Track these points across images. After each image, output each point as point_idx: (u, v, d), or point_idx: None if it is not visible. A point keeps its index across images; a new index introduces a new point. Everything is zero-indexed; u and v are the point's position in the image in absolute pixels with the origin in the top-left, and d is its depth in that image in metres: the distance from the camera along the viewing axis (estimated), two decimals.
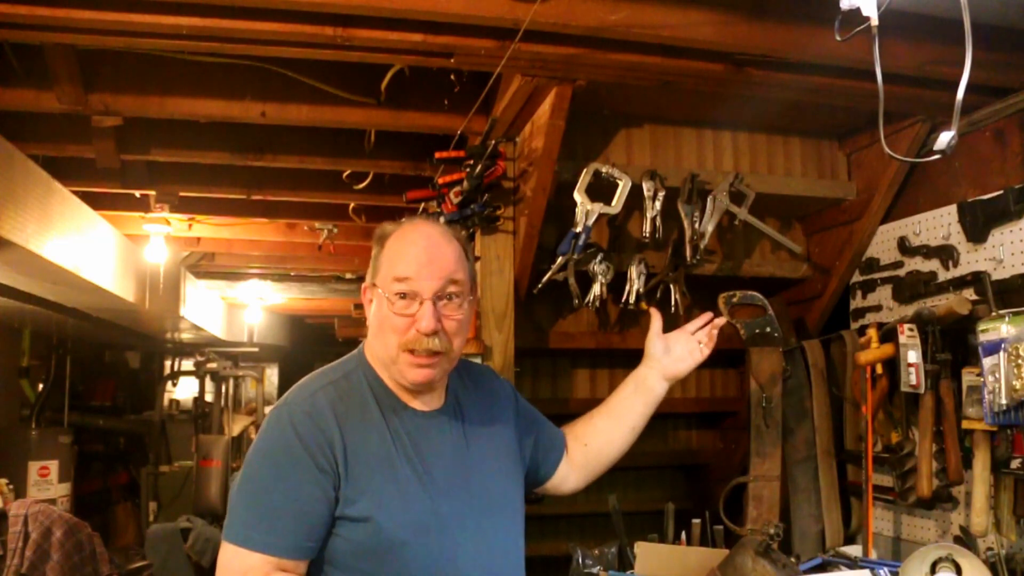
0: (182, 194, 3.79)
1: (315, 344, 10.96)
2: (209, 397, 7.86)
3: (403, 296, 1.42)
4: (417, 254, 1.44)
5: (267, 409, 9.05)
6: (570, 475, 1.78)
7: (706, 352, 1.85)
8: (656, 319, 1.86)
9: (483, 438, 1.57)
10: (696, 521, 2.66)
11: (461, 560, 1.43)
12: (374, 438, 1.42)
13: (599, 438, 1.80)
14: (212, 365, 7.74)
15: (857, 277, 3.06)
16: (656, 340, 1.85)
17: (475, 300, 1.61)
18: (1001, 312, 2.27)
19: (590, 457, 1.79)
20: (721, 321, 1.87)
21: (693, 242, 2.75)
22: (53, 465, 5.59)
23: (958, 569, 1.99)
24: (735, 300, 2.88)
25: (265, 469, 1.38)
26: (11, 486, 4.60)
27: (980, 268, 2.51)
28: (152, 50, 2.47)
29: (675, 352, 1.85)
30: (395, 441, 1.43)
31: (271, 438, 1.40)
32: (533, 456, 1.71)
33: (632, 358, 3.49)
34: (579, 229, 2.66)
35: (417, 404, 1.50)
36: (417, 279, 1.42)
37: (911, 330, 2.44)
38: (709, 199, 2.75)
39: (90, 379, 7.69)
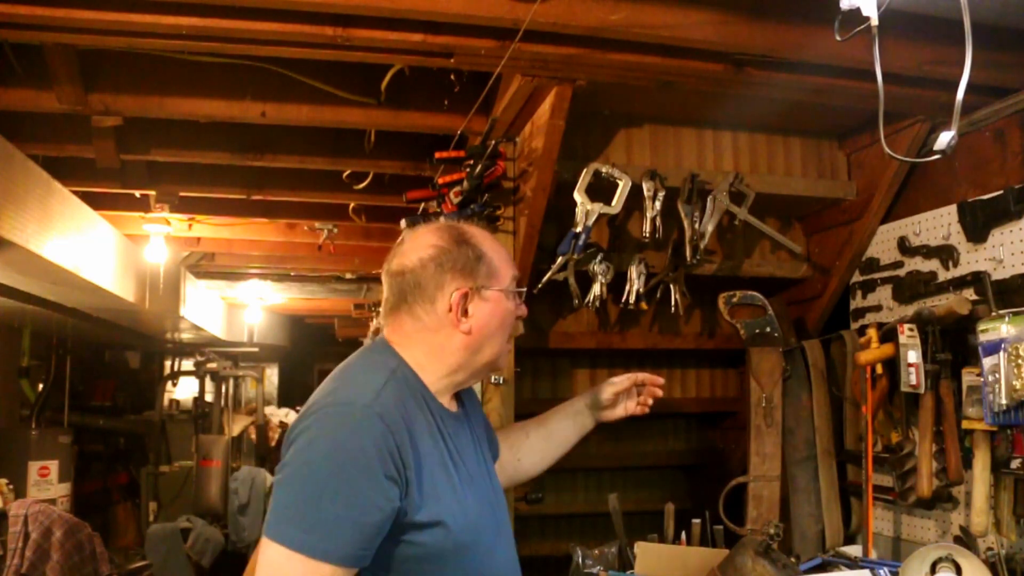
0: (182, 194, 3.79)
1: (315, 344, 10.97)
2: (209, 397, 7.86)
3: (519, 291, 1.54)
4: (507, 249, 1.60)
5: (267, 409, 9.05)
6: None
7: (637, 411, 1.91)
8: (625, 380, 1.92)
9: (482, 437, 1.63)
10: (696, 521, 2.66)
11: (501, 557, 1.48)
12: (428, 440, 1.39)
13: (533, 456, 1.85)
14: (212, 365, 7.74)
15: (857, 277, 3.06)
16: (608, 389, 1.89)
17: None
18: (1001, 312, 2.27)
19: (519, 470, 1.85)
20: (660, 384, 1.94)
21: (693, 242, 2.75)
22: (53, 465, 5.59)
23: (958, 569, 2.00)
24: (735, 300, 2.89)
25: (328, 472, 1.27)
26: (11, 486, 4.60)
27: (980, 268, 2.51)
28: (152, 50, 2.47)
29: (616, 401, 1.90)
30: (444, 442, 1.43)
31: (339, 439, 1.30)
32: None
33: (632, 358, 3.52)
34: (579, 229, 2.66)
35: (449, 404, 1.52)
36: (518, 272, 1.56)
37: (911, 330, 2.44)
38: (709, 199, 2.75)
39: (90, 379, 7.69)
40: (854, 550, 2.47)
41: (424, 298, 1.45)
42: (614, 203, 2.66)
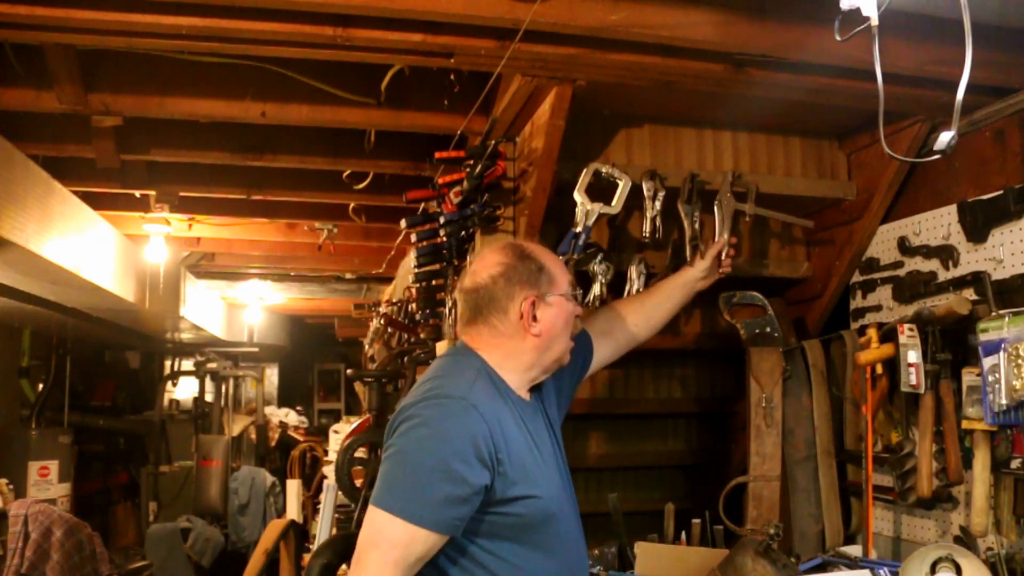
0: (182, 194, 3.79)
1: (315, 344, 10.98)
2: (209, 397, 7.87)
3: (577, 294, 1.78)
4: (561, 262, 1.82)
5: (267, 409, 9.06)
6: (601, 359, 2.14)
7: (728, 270, 2.41)
8: (715, 245, 2.44)
9: (553, 421, 1.83)
10: (696, 521, 2.66)
11: (576, 528, 1.73)
12: (513, 427, 1.62)
13: (627, 334, 2.21)
14: (212, 365, 7.75)
15: (857, 277, 3.06)
16: (709, 260, 2.38)
17: None
18: (1001, 312, 2.27)
19: (619, 346, 2.20)
20: (721, 242, 2.46)
21: (692, 243, 2.75)
22: (53, 465, 5.60)
23: (958, 569, 2.00)
24: (735, 300, 2.88)
25: (430, 453, 1.52)
26: (11, 486, 4.61)
27: (980, 268, 2.51)
28: (152, 50, 2.47)
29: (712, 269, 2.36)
30: (525, 428, 1.66)
31: (438, 424, 1.54)
32: (564, 380, 1.96)
33: (632, 358, 3.51)
34: (579, 229, 2.66)
35: (526, 397, 1.75)
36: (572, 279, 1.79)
37: (911, 330, 2.44)
38: (715, 206, 2.71)
39: (90, 379, 7.70)
40: (854, 550, 2.47)
41: (498, 309, 1.69)
42: (614, 203, 2.66)
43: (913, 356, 2.40)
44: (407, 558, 1.48)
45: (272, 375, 10.43)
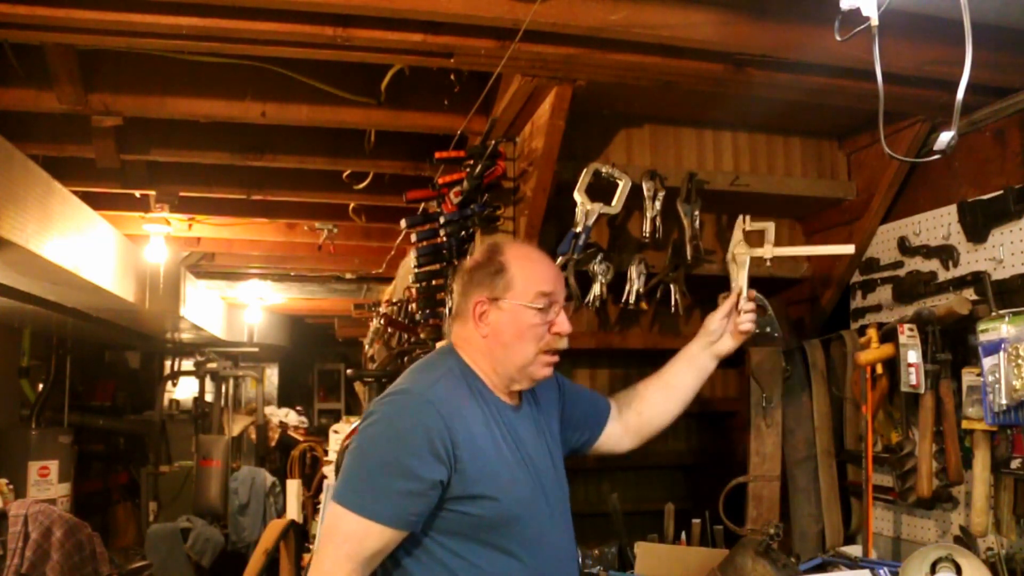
0: (182, 194, 3.79)
1: (315, 344, 10.97)
2: (209, 397, 7.87)
3: (545, 307, 1.67)
4: (548, 268, 1.72)
5: (267, 409, 9.06)
6: (624, 438, 2.04)
7: (745, 330, 2.07)
8: (726, 302, 2.13)
9: (548, 431, 1.81)
10: (696, 521, 2.66)
11: (555, 534, 1.69)
12: (481, 426, 1.62)
13: (652, 409, 2.04)
14: (212, 365, 7.75)
15: (857, 277, 3.06)
16: (711, 322, 2.10)
17: None
18: (1001, 312, 2.27)
19: (643, 423, 2.04)
20: (751, 295, 2.13)
21: (693, 242, 2.75)
22: (53, 465, 5.59)
23: (958, 569, 2.00)
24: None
25: (385, 449, 1.55)
26: (11, 486, 4.61)
27: (980, 268, 2.51)
28: (152, 50, 2.47)
29: (724, 330, 2.09)
30: (497, 431, 1.65)
31: (393, 421, 1.58)
32: (570, 426, 1.93)
33: (632, 358, 3.52)
34: (579, 229, 2.66)
35: (508, 400, 1.73)
36: (556, 291, 1.69)
37: (911, 330, 2.44)
38: (729, 262, 2.46)
39: (90, 379, 7.69)
40: (854, 550, 2.47)
41: (464, 307, 1.72)
42: (614, 203, 2.66)
43: (913, 356, 2.40)
44: (361, 552, 1.50)
45: (272, 375, 10.43)
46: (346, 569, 1.50)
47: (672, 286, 2.88)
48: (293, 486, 5.23)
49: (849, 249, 2.23)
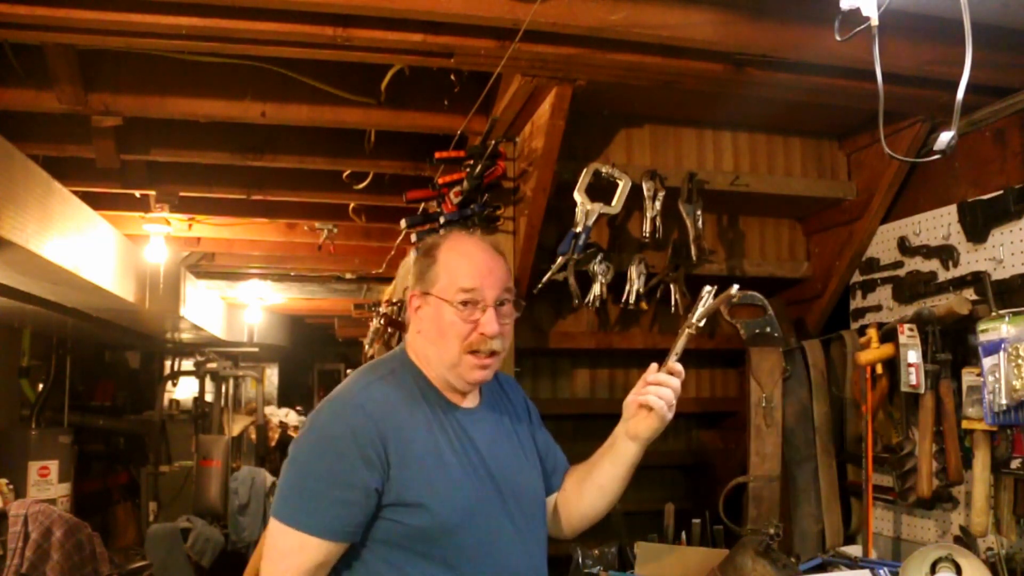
0: (182, 194, 3.78)
1: (315, 344, 10.97)
2: (209, 397, 7.86)
3: (467, 304, 1.55)
4: (479, 266, 1.57)
5: (267, 409, 9.06)
6: (555, 522, 1.79)
7: (656, 412, 1.63)
8: (638, 385, 1.69)
9: (513, 435, 1.71)
10: (696, 521, 2.66)
11: (504, 544, 1.56)
12: (422, 431, 1.54)
13: (595, 505, 1.76)
14: (212, 365, 7.74)
15: (857, 277, 3.06)
16: (626, 403, 1.71)
17: None
18: (1001, 312, 2.27)
19: (585, 516, 1.78)
20: (669, 368, 1.67)
21: (697, 242, 2.75)
22: (53, 465, 5.59)
23: (958, 569, 2.00)
24: (735, 300, 2.88)
25: (316, 458, 1.49)
26: (11, 486, 4.61)
27: (980, 268, 2.51)
28: (152, 50, 2.47)
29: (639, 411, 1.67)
30: (442, 434, 1.56)
31: (323, 430, 1.52)
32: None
33: (632, 358, 3.52)
34: (579, 229, 2.66)
35: (460, 401, 1.63)
36: (481, 288, 1.55)
37: (911, 330, 2.44)
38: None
39: (90, 379, 7.69)
40: (854, 550, 2.47)
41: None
42: (614, 203, 2.66)
43: (913, 356, 2.40)
44: (301, 566, 1.44)
45: (272, 375, 10.42)
46: None
47: (672, 286, 2.89)
48: None
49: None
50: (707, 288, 1.69)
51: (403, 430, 1.51)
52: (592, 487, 1.73)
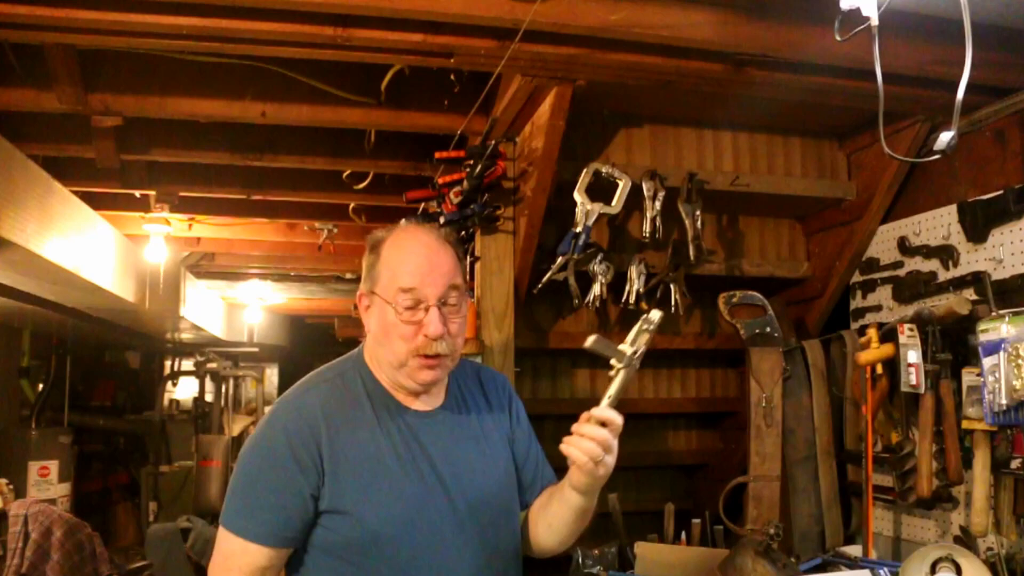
0: (182, 194, 3.79)
1: (315, 344, 10.95)
2: (209, 397, 7.86)
3: (409, 305, 1.46)
4: (418, 263, 1.48)
5: (267, 409, 9.07)
6: (525, 538, 1.67)
7: (572, 454, 1.40)
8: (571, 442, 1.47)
9: (480, 439, 1.60)
10: (696, 521, 2.66)
11: (449, 556, 1.47)
12: (363, 435, 1.48)
13: (549, 539, 1.65)
14: (212, 365, 7.74)
15: (857, 277, 3.06)
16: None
17: (468, 306, 1.66)
18: (1001, 312, 2.27)
19: (531, 541, 1.67)
20: (608, 420, 1.41)
21: (696, 242, 2.75)
22: (53, 465, 5.59)
23: (958, 569, 2.00)
24: (735, 300, 2.88)
25: (253, 462, 1.47)
26: (11, 486, 4.59)
27: (980, 268, 2.51)
28: (152, 50, 2.47)
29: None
30: (386, 439, 1.49)
31: (261, 434, 1.49)
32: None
33: None
34: (579, 229, 2.66)
35: (414, 404, 1.55)
36: (421, 287, 1.46)
37: (911, 330, 2.44)
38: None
39: (90, 379, 7.69)
40: (854, 550, 2.47)
41: None
42: (614, 203, 2.66)
43: (913, 356, 2.40)
44: (243, 568, 1.42)
45: (272, 375, 10.41)
46: None
47: (672, 286, 2.89)
48: None
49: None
50: (645, 318, 1.48)
51: (339, 435, 1.45)
52: (543, 523, 1.62)
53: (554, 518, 1.59)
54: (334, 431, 1.46)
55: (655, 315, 1.44)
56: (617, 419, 1.40)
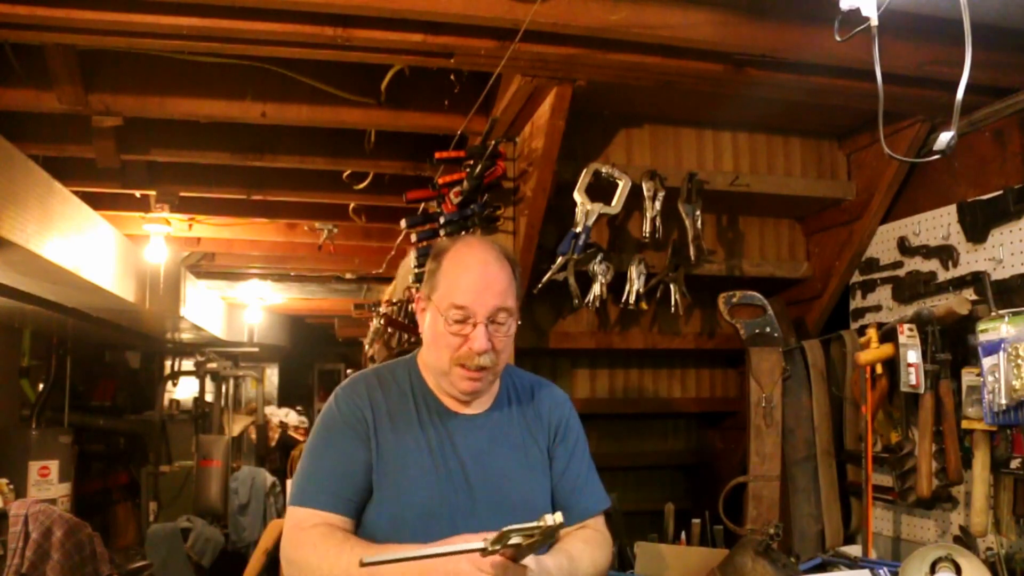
0: (182, 194, 3.79)
1: (315, 344, 10.96)
2: (209, 397, 7.86)
3: (458, 319, 1.54)
4: (474, 281, 1.55)
5: (267, 409, 9.07)
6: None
7: None
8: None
9: (520, 448, 1.66)
10: (696, 521, 2.66)
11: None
12: (401, 427, 1.59)
13: None
14: (212, 365, 7.74)
15: (857, 277, 3.06)
16: None
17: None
18: (1001, 312, 2.27)
19: None
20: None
21: (696, 242, 2.75)
22: (53, 465, 5.58)
23: (958, 569, 2.00)
24: (735, 300, 2.89)
25: (317, 441, 1.60)
26: (11, 486, 4.60)
27: (980, 268, 2.51)
28: (152, 50, 2.47)
29: None
30: (422, 434, 1.58)
31: (322, 416, 1.63)
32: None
33: (632, 358, 3.52)
34: (579, 229, 2.66)
35: (456, 406, 1.64)
36: (472, 305, 1.53)
37: (911, 330, 2.44)
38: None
39: (90, 379, 7.68)
40: (854, 550, 2.47)
41: None
42: (614, 203, 2.66)
43: (913, 356, 2.41)
44: (317, 527, 1.50)
45: (272, 375, 10.42)
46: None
47: (672, 286, 2.89)
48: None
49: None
50: (548, 518, 1.28)
51: (381, 421, 1.58)
52: None
53: None
54: (378, 416, 1.58)
55: (550, 519, 1.28)
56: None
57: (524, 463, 1.65)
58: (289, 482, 5.39)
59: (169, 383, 8.29)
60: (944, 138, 1.53)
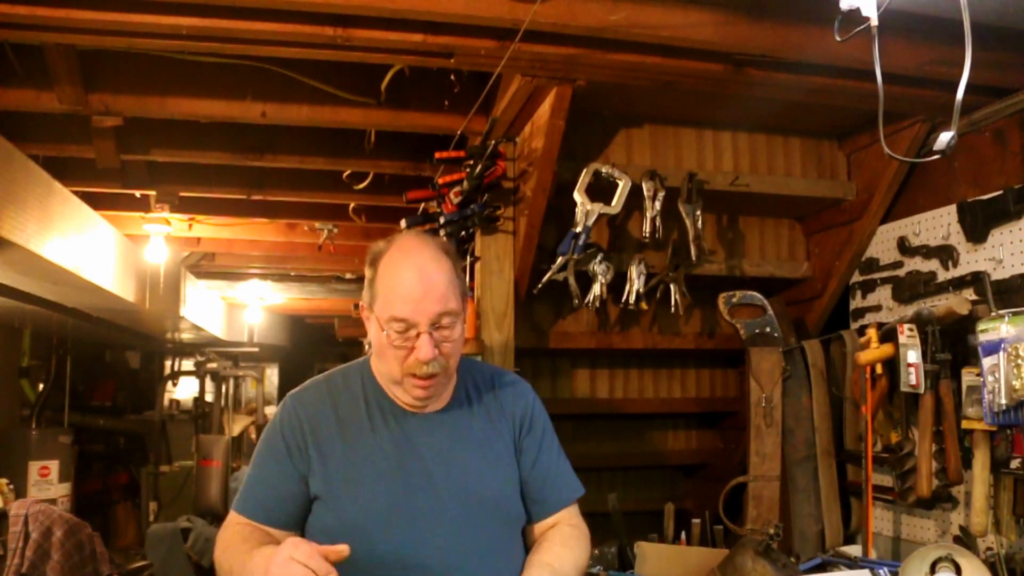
0: (182, 194, 3.79)
1: (315, 344, 10.96)
2: (209, 397, 7.86)
3: (400, 331, 1.46)
4: (411, 289, 1.46)
5: (267, 409, 9.07)
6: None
7: None
8: None
9: (483, 443, 1.60)
10: (696, 521, 2.66)
11: (428, 553, 1.48)
12: (353, 432, 1.56)
13: None
14: (212, 365, 7.74)
15: (857, 277, 3.06)
16: None
17: (468, 308, 1.70)
18: (1001, 312, 2.27)
19: None
20: None
21: (696, 242, 2.75)
22: (53, 465, 5.58)
23: (958, 569, 2.00)
24: (735, 300, 2.89)
25: (257, 449, 1.63)
26: (11, 486, 4.60)
27: (980, 268, 2.51)
28: (152, 50, 2.47)
29: None
30: (375, 437, 1.55)
31: (268, 425, 1.64)
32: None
33: (632, 358, 3.52)
34: (579, 229, 2.66)
35: (411, 405, 1.57)
36: (412, 316, 1.45)
37: (911, 330, 2.44)
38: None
39: (90, 379, 7.68)
40: (854, 550, 2.47)
41: None
42: (614, 203, 2.66)
43: (913, 356, 2.40)
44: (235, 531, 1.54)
45: (272, 375, 10.41)
46: None
47: (672, 286, 2.89)
48: None
49: None
50: None
51: (329, 428, 1.56)
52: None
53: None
54: (326, 424, 1.56)
55: None
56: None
57: (489, 458, 1.59)
58: None
59: (169, 383, 8.28)
60: (944, 138, 1.53)
